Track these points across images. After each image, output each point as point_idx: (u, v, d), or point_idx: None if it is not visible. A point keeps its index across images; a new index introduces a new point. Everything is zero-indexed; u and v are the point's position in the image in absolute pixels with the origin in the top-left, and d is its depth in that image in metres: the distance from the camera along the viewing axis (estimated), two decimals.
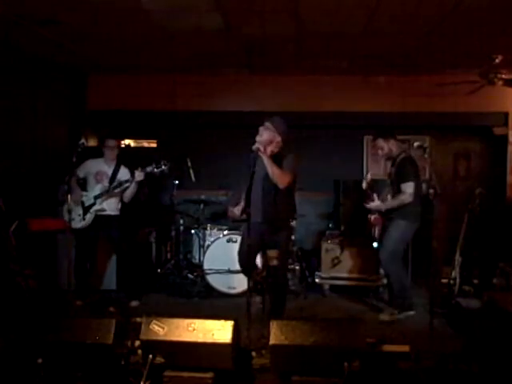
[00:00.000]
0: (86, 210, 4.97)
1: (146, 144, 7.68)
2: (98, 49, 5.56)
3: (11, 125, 5.41)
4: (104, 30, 4.83)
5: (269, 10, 4.25)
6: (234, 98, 6.71)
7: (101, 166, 5.11)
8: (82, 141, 4.92)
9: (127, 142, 7.55)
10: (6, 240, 4.66)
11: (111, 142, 5.14)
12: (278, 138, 4.23)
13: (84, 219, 4.97)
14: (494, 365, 3.23)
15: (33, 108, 5.80)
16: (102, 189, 4.99)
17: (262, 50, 5.47)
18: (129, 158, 5.36)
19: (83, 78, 6.81)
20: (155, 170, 4.84)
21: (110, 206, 5.05)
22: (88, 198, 5.01)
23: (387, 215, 4.81)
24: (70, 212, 4.97)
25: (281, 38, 5.03)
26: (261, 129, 4.21)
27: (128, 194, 5.07)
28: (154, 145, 7.49)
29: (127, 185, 4.98)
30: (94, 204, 4.98)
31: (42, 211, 5.36)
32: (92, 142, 6.83)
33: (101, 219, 5.02)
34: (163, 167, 4.84)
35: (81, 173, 5.10)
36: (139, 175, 4.86)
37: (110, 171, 5.09)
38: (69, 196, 4.69)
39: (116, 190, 5.00)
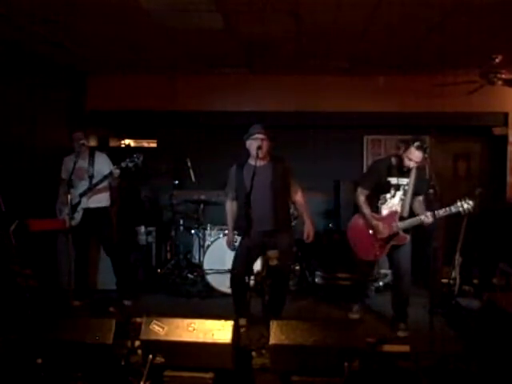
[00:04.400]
0: (74, 208, 4.96)
1: (145, 144, 7.69)
2: (97, 49, 5.56)
3: (11, 125, 5.41)
4: (104, 29, 4.83)
5: (269, 10, 4.25)
6: (233, 97, 6.71)
7: (78, 162, 4.97)
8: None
9: (127, 141, 7.56)
10: (6, 240, 4.66)
11: (78, 135, 5.04)
12: (269, 143, 4.25)
13: (74, 218, 4.95)
14: (494, 365, 3.23)
15: (33, 108, 5.80)
16: (84, 186, 5.00)
17: (262, 50, 5.48)
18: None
19: (83, 78, 6.81)
20: (129, 164, 4.86)
21: (96, 200, 5.07)
22: (74, 196, 4.98)
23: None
24: (60, 212, 5.07)
25: (281, 38, 5.03)
26: (260, 140, 4.15)
27: (115, 185, 5.13)
28: (154, 145, 7.49)
29: (107, 180, 5.00)
30: (79, 202, 5.01)
31: (41, 211, 5.36)
32: (92, 142, 6.84)
33: (90, 214, 5.03)
34: (136, 160, 4.86)
35: (64, 174, 5.11)
36: (116, 172, 4.89)
37: (86, 165, 5.06)
38: (68, 196, 4.69)
39: (98, 187, 5.01)
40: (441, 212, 4.15)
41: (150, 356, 3.10)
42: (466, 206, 4.12)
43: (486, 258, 5.28)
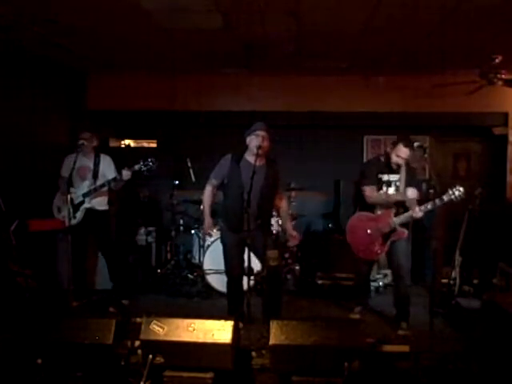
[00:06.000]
0: (76, 208, 4.92)
1: (145, 144, 7.69)
2: (97, 49, 5.56)
3: (11, 125, 5.41)
4: (104, 29, 4.83)
5: (269, 10, 4.25)
6: (233, 97, 6.71)
7: (81, 161, 4.93)
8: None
9: (127, 142, 7.56)
10: (6, 240, 4.66)
11: (85, 135, 4.97)
12: (270, 143, 4.23)
13: (75, 217, 4.91)
14: (494, 365, 3.23)
15: (33, 108, 5.80)
16: (89, 186, 4.92)
17: (262, 50, 5.48)
18: (129, 158, 5.35)
19: (83, 78, 6.81)
20: (142, 167, 4.77)
21: (99, 202, 5.01)
22: (76, 195, 4.93)
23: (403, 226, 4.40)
24: (59, 210, 5.00)
25: (281, 38, 5.03)
26: (261, 138, 4.11)
27: (117, 188, 5.03)
28: (154, 145, 7.49)
29: (114, 184, 4.91)
30: (83, 202, 4.93)
31: (41, 211, 5.35)
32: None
33: (90, 214, 4.97)
34: (151, 164, 4.77)
35: (64, 172, 5.00)
36: (127, 174, 4.79)
37: (91, 165, 4.99)
38: (69, 196, 4.68)
39: (103, 189, 4.95)
40: (429, 205, 4.19)
41: (150, 356, 3.10)
42: (457, 192, 4.10)
43: (486, 257, 5.28)
